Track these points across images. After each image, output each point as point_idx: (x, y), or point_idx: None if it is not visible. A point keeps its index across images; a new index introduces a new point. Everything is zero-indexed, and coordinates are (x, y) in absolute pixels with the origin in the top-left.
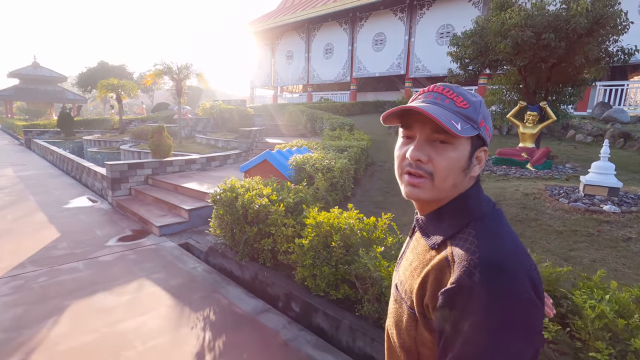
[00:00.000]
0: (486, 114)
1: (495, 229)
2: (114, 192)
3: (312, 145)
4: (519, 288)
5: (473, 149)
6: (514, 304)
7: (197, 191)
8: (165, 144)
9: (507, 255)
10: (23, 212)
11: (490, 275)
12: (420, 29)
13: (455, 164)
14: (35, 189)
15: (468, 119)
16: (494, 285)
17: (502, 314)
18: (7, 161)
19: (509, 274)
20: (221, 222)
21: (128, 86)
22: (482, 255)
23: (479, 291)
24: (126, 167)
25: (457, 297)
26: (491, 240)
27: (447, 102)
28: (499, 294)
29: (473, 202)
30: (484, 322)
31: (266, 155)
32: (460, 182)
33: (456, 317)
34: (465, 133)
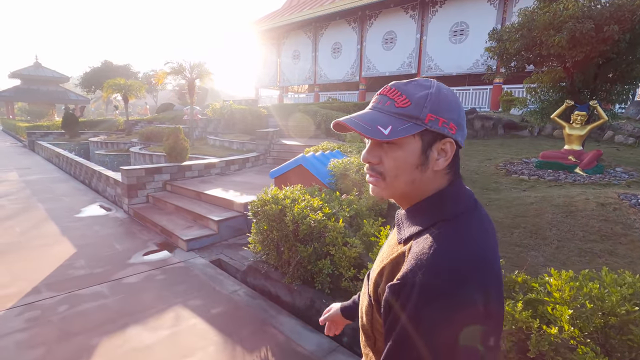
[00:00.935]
0: (440, 106)
1: (461, 232)
2: (131, 200)
3: (345, 149)
4: (457, 297)
5: (425, 144)
6: (446, 310)
7: (223, 199)
8: (182, 146)
9: (460, 262)
10: (32, 222)
11: (431, 278)
12: (433, 27)
13: (404, 162)
14: (43, 195)
15: (408, 117)
16: (432, 288)
17: (432, 317)
18: (11, 164)
19: (453, 281)
20: (264, 239)
21: (135, 86)
22: (432, 257)
23: (417, 291)
24: (143, 172)
25: (400, 293)
26: (450, 243)
27: (388, 104)
28: (433, 299)
29: (448, 201)
30: (416, 323)
31: (301, 160)
32: (419, 178)
33: (396, 310)
34: (396, 135)
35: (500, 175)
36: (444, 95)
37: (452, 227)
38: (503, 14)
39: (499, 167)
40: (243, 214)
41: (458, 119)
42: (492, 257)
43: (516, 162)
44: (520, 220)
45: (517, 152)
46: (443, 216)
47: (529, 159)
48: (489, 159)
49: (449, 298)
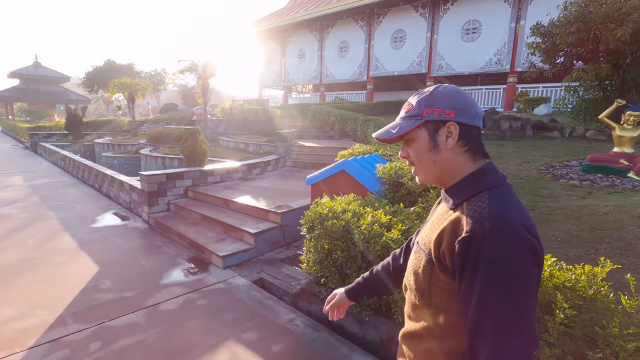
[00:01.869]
0: (434, 101)
1: (505, 195)
2: (151, 208)
3: (385, 152)
4: (521, 234)
5: (431, 132)
6: (518, 245)
7: (256, 208)
8: (201, 149)
9: (512, 211)
10: (45, 234)
11: (498, 223)
12: (444, 25)
13: (420, 149)
14: (53, 202)
15: (411, 117)
16: (502, 230)
17: (510, 253)
18: (15, 167)
19: (513, 223)
20: (324, 258)
21: (142, 85)
22: (491, 210)
23: (491, 235)
24: (164, 178)
25: (472, 242)
26: (500, 201)
27: (401, 114)
28: (506, 238)
29: (488, 176)
30: (497, 260)
31: (344, 165)
32: (438, 158)
33: (474, 258)
34: (401, 131)
35: (546, 180)
36: (437, 92)
37: (498, 191)
38: (518, 11)
39: (542, 171)
40: (280, 225)
41: (454, 105)
42: (526, 210)
43: (557, 165)
44: (601, 234)
45: (554, 155)
46: (488, 185)
47: (569, 161)
48: (527, 162)
49: (516, 235)
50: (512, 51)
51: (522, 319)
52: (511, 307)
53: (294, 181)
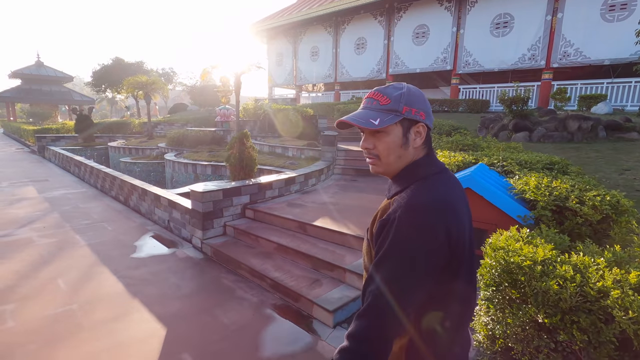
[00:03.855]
0: (411, 100)
1: (429, 187)
2: (206, 233)
3: (490, 161)
4: (425, 224)
5: (405, 129)
6: (416, 231)
7: (344, 235)
8: (250, 157)
9: (427, 203)
10: (78, 270)
11: (407, 212)
12: (472, 20)
13: (392, 144)
14: (78, 221)
15: (390, 111)
16: (407, 218)
17: (406, 238)
18: (24, 175)
19: (421, 214)
20: (530, 338)
21: (159, 84)
22: (407, 200)
23: (397, 221)
24: (221, 194)
25: (385, 225)
26: (420, 192)
27: (374, 104)
28: (407, 225)
29: (421, 168)
30: (396, 242)
31: (468, 181)
32: (404, 154)
33: (382, 238)
34: (383, 124)
35: None
36: (413, 92)
37: (423, 183)
38: (555, 3)
39: None
40: None
41: (425, 108)
42: (453, 202)
43: None
44: None
45: None
46: (417, 177)
47: None
48: (626, 170)
49: (417, 222)
50: (547, 46)
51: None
52: (395, 284)
53: (361, 194)
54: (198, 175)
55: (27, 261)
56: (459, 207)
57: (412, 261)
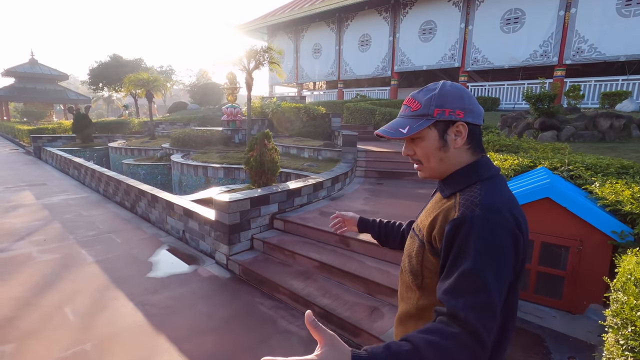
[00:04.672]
0: (444, 101)
1: (497, 187)
2: (232, 248)
3: (554, 165)
4: (508, 224)
5: (441, 131)
6: (504, 232)
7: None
8: (272, 160)
9: (503, 202)
10: (88, 295)
11: (487, 211)
12: (481, 15)
13: (429, 148)
14: (82, 232)
15: (421, 116)
16: (490, 217)
17: (494, 239)
18: (20, 179)
19: (502, 213)
20: None
21: (161, 82)
22: (483, 199)
23: (479, 219)
24: (248, 204)
25: (461, 225)
26: (492, 192)
27: (406, 111)
28: (493, 224)
29: (482, 169)
30: (484, 242)
31: (548, 189)
32: (446, 156)
33: (461, 240)
34: (412, 131)
35: None
36: (446, 91)
37: (490, 183)
38: None
39: None
40: None
41: (463, 105)
42: (517, 202)
43: None
44: None
45: None
46: (481, 177)
47: None
48: None
49: (500, 222)
50: (560, 42)
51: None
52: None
53: (395, 199)
54: (209, 178)
55: (27, 284)
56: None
57: (504, 259)
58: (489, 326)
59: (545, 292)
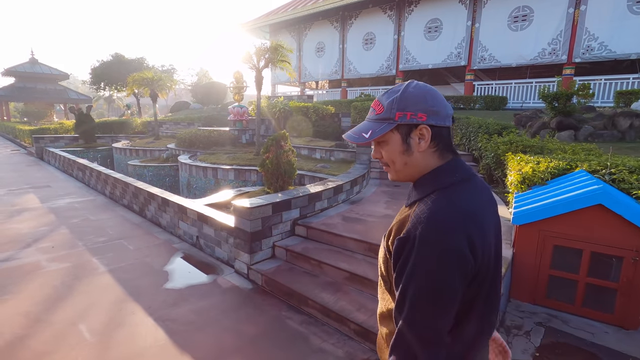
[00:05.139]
0: (405, 104)
1: (452, 197)
2: (253, 256)
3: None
4: (449, 242)
5: (404, 135)
6: (441, 253)
7: None
8: (288, 162)
9: (452, 219)
10: (103, 309)
11: (428, 230)
12: (488, 13)
13: (394, 152)
14: (91, 238)
15: (383, 120)
16: (428, 238)
17: (430, 260)
18: (24, 180)
19: (446, 233)
20: None
21: (166, 80)
22: (427, 215)
23: (418, 241)
24: (270, 209)
25: (405, 243)
26: (443, 205)
27: (371, 114)
28: (432, 245)
29: (443, 176)
30: (418, 264)
31: (601, 196)
32: (410, 160)
33: (403, 258)
34: (374, 135)
35: None
36: (408, 93)
37: (445, 193)
38: None
39: None
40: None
41: (426, 107)
42: (475, 211)
43: None
44: None
45: None
46: (439, 186)
47: None
48: None
49: (440, 243)
50: (569, 40)
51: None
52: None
53: None
54: (219, 180)
55: (37, 297)
56: (482, 217)
57: (439, 288)
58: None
59: (595, 306)
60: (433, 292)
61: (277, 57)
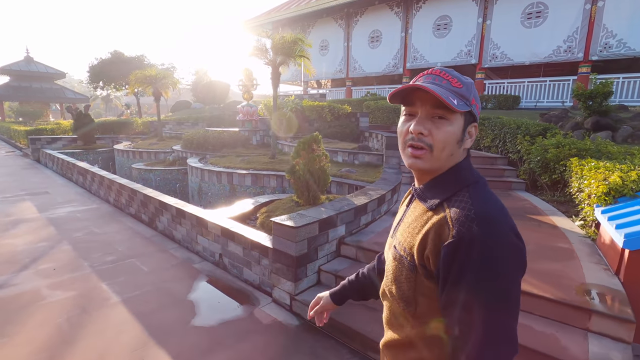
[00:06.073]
0: (476, 94)
1: (484, 192)
2: (298, 285)
3: None
4: (509, 236)
5: (466, 124)
6: (507, 249)
7: (538, 298)
8: (322, 169)
9: (497, 211)
10: (119, 357)
11: (486, 226)
12: (500, 10)
13: (452, 136)
14: (98, 257)
15: (462, 96)
16: (491, 234)
17: (499, 258)
18: (19, 186)
19: (500, 225)
20: None
21: (169, 79)
22: (477, 212)
23: (479, 240)
24: (316, 228)
25: (460, 248)
26: (483, 200)
27: (445, 83)
28: (495, 242)
29: (467, 171)
30: (486, 267)
31: None
32: (456, 152)
33: (461, 264)
34: (461, 108)
35: None
36: (474, 87)
37: (478, 189)
38: None
39: None
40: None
41: (480, 107)
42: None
43: None
44: None
45: None
46: (468, 182)
47: None
48: None
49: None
50: (586, 37)
51: (507, 328)
52: (498, 316)
53: None
54: (235, 186)
55: (39, 340)
56: None
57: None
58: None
59: None
60: (507, 294)
61: (296, 51)
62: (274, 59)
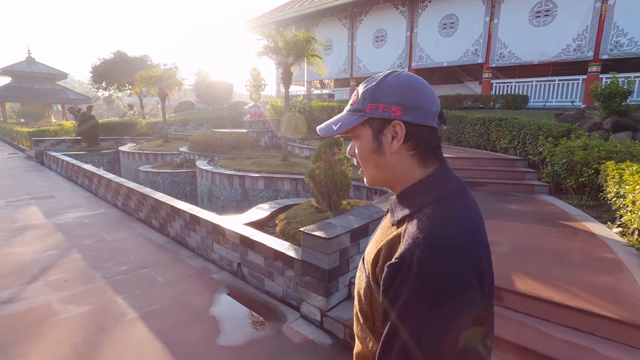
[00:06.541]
0: (378, 95)
1: (452, 211)
2: (329, 300)
3: None
4: (457, 270)
5: (375, 131)
6: (447, 285)
7: (592, 315)
8: (343, 173)
9: (456, 237)
10: None
11: (429, 254)
12: (507, 8)
13: (364, 150)
14: (111, 267)
15: (356, 111)
16: (432, 263)
17: (434, 293)
18: (24, 189)
19: (450, 255)
20: None
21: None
22: (428, 235)
23: (417, 267)
24: (348, 239)
25: (398, 271)
26: (441, 223)
27: (349, 105)
28: (434, 273)
29: (437, 183)
30: (416, 298)
31: None
32: (382, 162)
33: (396, 288)
34: (342, 128)
35: None
36: (384, 83)
37: (444, 206)
38: None
39: None
40: None
41: (403, 100)
42: (479, 233)
43: None
44: None
45: None
46: (432, 199)
47: None
48: None
49: (445, 271)
50: (596, 35)
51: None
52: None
53: (490, 220)
54: (247, 190)
55: None
56: (484, 236)
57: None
58: None
59: None
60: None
61: (309, 51)
62: (286, 59)
